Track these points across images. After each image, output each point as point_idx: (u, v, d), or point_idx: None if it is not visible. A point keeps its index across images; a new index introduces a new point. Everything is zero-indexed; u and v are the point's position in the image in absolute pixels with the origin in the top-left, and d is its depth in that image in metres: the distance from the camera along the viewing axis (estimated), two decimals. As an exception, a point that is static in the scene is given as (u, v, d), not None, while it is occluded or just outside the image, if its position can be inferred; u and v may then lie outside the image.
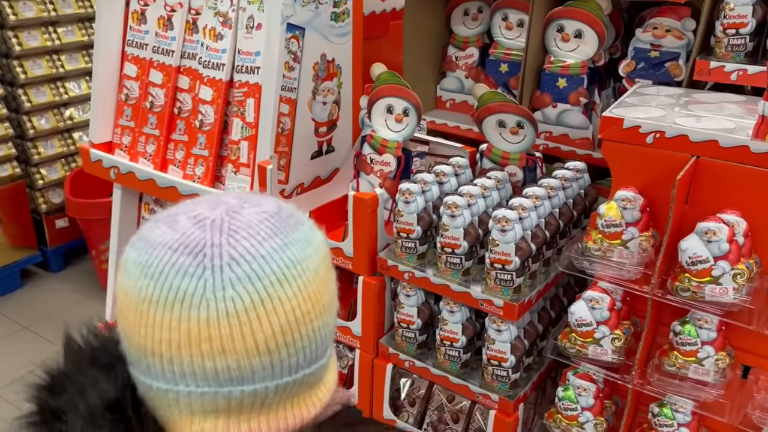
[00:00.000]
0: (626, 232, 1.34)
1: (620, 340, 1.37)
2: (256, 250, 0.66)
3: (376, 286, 1.63)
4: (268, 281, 0.66)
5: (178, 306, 0.65)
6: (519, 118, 1.58)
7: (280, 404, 0.70)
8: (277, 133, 1.81)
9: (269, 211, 0.70)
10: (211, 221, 0.68)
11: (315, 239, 0.73)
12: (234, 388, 0.67)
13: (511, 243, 1.41)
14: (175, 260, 0.65)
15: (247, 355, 0.66)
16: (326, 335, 0.72)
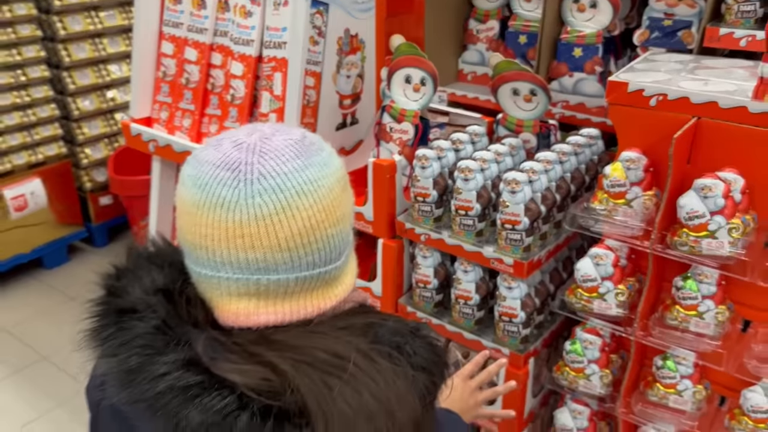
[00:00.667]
0: (630, 191, 1.40)
1: (624, 294, 1.43)
2: (281, 168, 0.81)
3: (395, 249, 1.72)
4: (288, 193, 0.81)
5: (219, 209, 0.80)
6: (532, 86, 1.65)
7: (300, 294, 0.85)
8: (303, 106, 1.91)
9: (294, 138, 0.85)
10: (247, 145, 0.83)
11: (332, 163, 0.87)
12: (262, 276, 0.82)
13: (521, 204, 1.48)
14: (217, 174, 0.81)
15: (271, 250, 0.81)
16: (339, 243, 0.86)
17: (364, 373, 0.80)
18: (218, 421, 0.74)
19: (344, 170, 0.89)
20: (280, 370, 0.78)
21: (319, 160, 0.85)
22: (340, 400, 0.78)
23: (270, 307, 0.84)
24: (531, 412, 1.71)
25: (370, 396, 0.79)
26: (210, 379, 0.77)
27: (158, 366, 0.78)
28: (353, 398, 0.78)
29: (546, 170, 1.58)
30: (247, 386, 0.76)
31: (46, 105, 3.91)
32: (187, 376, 0.77)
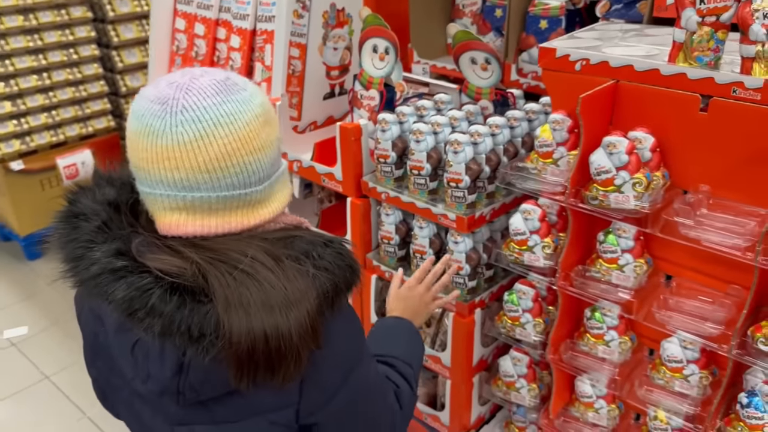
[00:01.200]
0: (556, 151, 1.50)
1: (550, 247, 1.54)
2: (201, 102, 0.96)
3: (361, 206, 1.87)
4: (206, 123, 0.96)
5: (151, 136, 0.95)
6: (486, 55, 1.75)
7: (224, 211, 1.00)
8: (288, 74, 2.07)
9: (218, 79, 1.00)
10: (177, 84, 0.98)
11: (252, 101, 1.01)
12: (187, 193, 0.97)
13: (462, 164, 1.60)
14: (150, 107, 0.96)
15: (193, 171, 0.96)
16: (258, 170, 1.00)
17: (267, 269, 0.96)
18: (138, 296, 0.93)
19: (267, 108, 1.04)
20: (193, 261, 0.95)
21: (239, 97, 0.99)
22: (242, 288, 0.94)
23: (197, 221, 1.00)
24: (481, 360, 1.84)
25: (270, 286, 0.95)
26: (134, 264, 0.96)
27: (95, 253, 0.98)
28: (254, 286, 0.94)
29: (493, 134, 1.69)
30: (162, 270, 0.94)
31: (96, 81, 4.23)
32: (115, 261, 0.96)
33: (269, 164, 1.04)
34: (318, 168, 1.94)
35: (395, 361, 1.32)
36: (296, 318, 0.94)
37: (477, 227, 1.68)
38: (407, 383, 1.29)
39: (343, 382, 1.07)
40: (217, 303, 0.93)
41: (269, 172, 1.05)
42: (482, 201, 1.69)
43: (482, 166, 1.66)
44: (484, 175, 1.67)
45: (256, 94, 1.03)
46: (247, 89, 1.02)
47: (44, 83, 4.02)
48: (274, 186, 1.07)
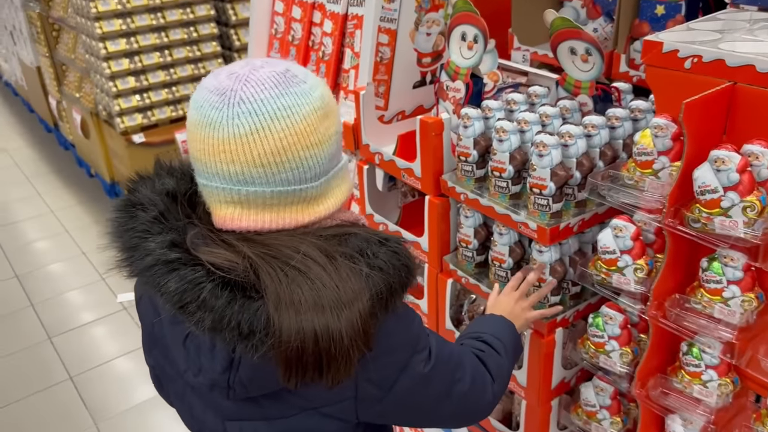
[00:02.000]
0: (657, 161, 1.30)
1: (643, 271, 1.34)
2: (258, 95, 0.94)
3: (440, 206, 1.75)
4: (263, 117, 0.94)
5: (207, 128, 0.95)
6: (587, 45, 1.56)
7: (278, 207, 0.99)
8: (375, 62, 1.97)
9: (278, 70, 0.97)
10: (237, 75, 0.96)
11: (311, 94, 0.98)
12: (242, 187, 0.96)
13: (547, 168, 1.44)
14: (209, 98, 0.96)
15: (248, 165, 0.95)
16: (314, 165, 0.99)
17: (320, 266, 0.94)
18: (190, 288, 0.92)
19: (326, 101, 1.00)
20: (246, 256, 0.94)
21: (298, 90, 0.96)
22: (294, 285, 0.92)
23: (252, 215, 0.99)
24: (562, 383, 1.67)
25: (322, 285, 0.92)
26: (188, 257, 0.95)
27: (150, 244, 0.98)
28: (306, 284, 0.92)
29: (588, 134, 1.50)
30: (214, 264, 0.93)
31: (214, 60, 4.35)
32: (168, 253, 0.96)
33: (327, 159, 1.00)
34: (398, 162, 1.84)
35: (481, 334, 1.32)
36: (348, 319, 0.91)
37: (561, 239, 1.51)
38: (492, 349, 1.28)
39: (399, 374, 1.04)
40: (267, 300, 0.91)
41: (327, 167, 1.01)
42: (570, 210, 1.52)
43: (572, 171, 1.48)
44: (574, 181, 1.49)
45: (315, 87, 0.99)
46: (307, 81, 0.99)
47: (165, 60, 4.18)
48: (331, 182, 1.03)
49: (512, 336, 1.37)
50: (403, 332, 1.04)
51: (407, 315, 1.06)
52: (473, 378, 1.18)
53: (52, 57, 4.99)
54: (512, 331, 1.38)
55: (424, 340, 1.09)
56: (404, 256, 1.00)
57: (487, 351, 1.28)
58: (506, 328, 1.38)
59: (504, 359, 1.29)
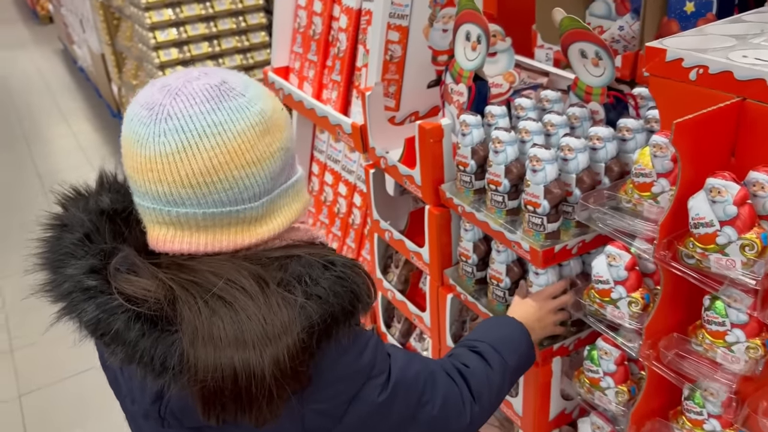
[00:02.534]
0: (656, 183, 1.15)
1: (638, 305, 1.20)
2: (187, 110, 0.88)
3: (439, 217, 1.64)
4: (190, 134, 0.88)
5: (135, 144, 0.89)
6: (596, 48, 1.41)
7: (213, 229, 0.92)
8: (384, 61, 1.87)
9: (212, 83, 0.91)
10: (169, 88, 0.91)
11: (249, 110, 0.90)
12: (171, 208, 0.90)
13: (540, 185, 1.31)
14: (138, 112, 0.90)
15: (176, 185, 0.88)
16: (252, 185, 0.91)
17: (247, 296, 0.87)
18: (104, 318, 0.87)
19: (268, 116, 0.92)
20: (165, 285, 0.88)
21: (233, 104, 0.90)
22: (215, 317, 0.85)
23: (186, 238, 0.93)
24: (562, 414, 1.54)
25: (246, 317, 0.85)
26: (105, 285, 0.90)
27: (69, 269, 0.93)
28: (228, 316, 0.85)
29: (594, 147, 1.36)
30: (127, 295, 0.88)
31: (263, 49, 4.34)
32: (86, 280, 0.91)
33: (268, 178, 0.93)
34: (401, 168, 1.74)
35: (478, 344, 1.23)
36: (272, 355, 0.83)
37: (556, 262, 1.38)
38: (485, 364, 1.19)
39: (349, 405, 0.96)
40: (183, 333, 0.84)
41: (268, 186, 0.94)
42: (570, 230, 1.38)
43: (571, 188, 1.35)
44: (574, 199, 1.35)
45: (255, 100, 0.92)
46: (246, 94, 0.91)
47: (214, 50, 4.20)
48: (276, 201, 0.96)
49: (518, 346, 1.27)
50: (351, 362, 0.96)
51: (357, 343, 0.97)
52: (445, 399, 1.09)
53: (113, 45, 5.12)
54: (521, 340, 1.28)
55: (380, 364, 1.00)
56: (350, 282, 0.91)
57: (475, 366, 1.18)
58: (514, 337, 1.28)
59: (496, 375, 1.19)
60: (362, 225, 2.32)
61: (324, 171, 2.53)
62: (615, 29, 1.72)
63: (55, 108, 6.71)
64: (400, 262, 2.03)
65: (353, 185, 2.36)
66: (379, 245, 2.03)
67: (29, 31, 9.71)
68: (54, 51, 8.53)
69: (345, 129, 1.97)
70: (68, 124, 6.26)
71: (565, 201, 1.36)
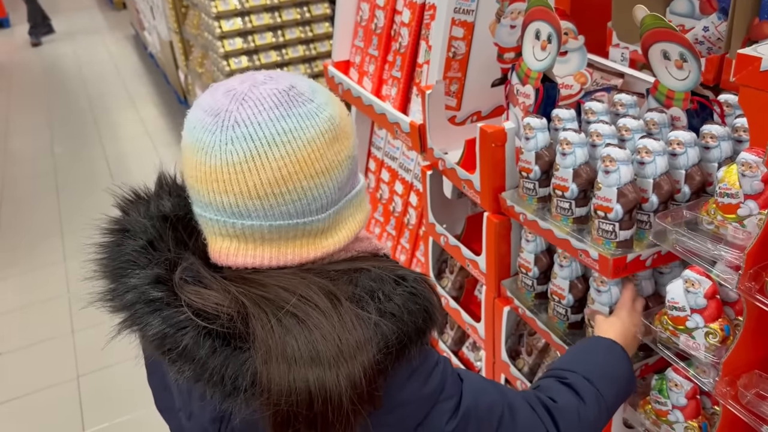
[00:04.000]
0: (743, 205, 1.03)
1: (716, 336, 1.09)
2: (255, 117, 0.83)
3: (499, 225, 1.55)
4: (259, 143, 0.83)
5: (200, 152, 0.85)
6: (681, 49, 1.29)
7: (279, 242, 0.88)
8: (447, 58, 1.79)
9: (281, 88, 0.86)
10: (235, 93, 0.86)
11: (318, 116, 0.86)
12: (237, 220, 0.86)
13: (613, 187, 1.21)
14: (203, 119, 0.86)
15: (242, 196, 0.84)
16: (320, 196, 0.87)
17: (321, 313, 0.82)
18: (171, 333, 0.83)
19: (337, 123, 0.88)
20: (238, 300, 0.84)
21: (302, 111, 0.85)
22: (289, 336, 0.81)
23: (249, 251, 0.88)
24: (624, 443, 1.44)
25: (321, 336, 0.80)
26: (172, 296, 0.86)
27: (132, 279, 0.89)
28: (302, 334, 0.80)
29: (674, 153, 1.25)
30: (197, 308, 0.83)
31: (326, 40, 4.30)
32: (151, 290, 0.87)
33: (336, 188, 0.89)
34: (459, 172, 1.66)
35: (568, 374, 1.12)
36: (348, 376, 0.79)
37: (629, 273, 1.27)
38: (577, 398, 1.08)
39: (416, 429, 0.91)
40: (256, 352, 0.80)
41: (336, 197, 0.89)
42: (644, 240, 1.28)
43: (647, 194, 1.24)
44: (650, 206, 1.25)
45: (324, 106, 0.87)
46: (315, 100, 0.87)
47: (278, 40, 4.19)
48: (342, 212, 0.92)
49: (616, 372, 1.16)
50: (420, 385, 0.90)
51: (426, 365, 0.91)
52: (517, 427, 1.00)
53: (181, 32, 5.18)
54: (620, 366, 1.18)
55: (450, 388, 0.93)
56: (423, 299, 0.86)
57: (564, 402, 1.07)
58: (610, 363, 1.17)
59: (589, 412, 1.08)
60: (417, 225, 2.25)
61: (381, 168, 2.47)
62: (699, 29, 1.59)
63: (124, 92, 6.87)
64: (455, 267, 1.95)
65: (410, 184, 2.29)
66: (434, 249, 1.95)
67: (104, 16, 10.00)
68: (126, 37, 8.75)
69: (403, 127, 1.90)
70: (136, 109, 6.41)
71: (639, 208, 1.25)
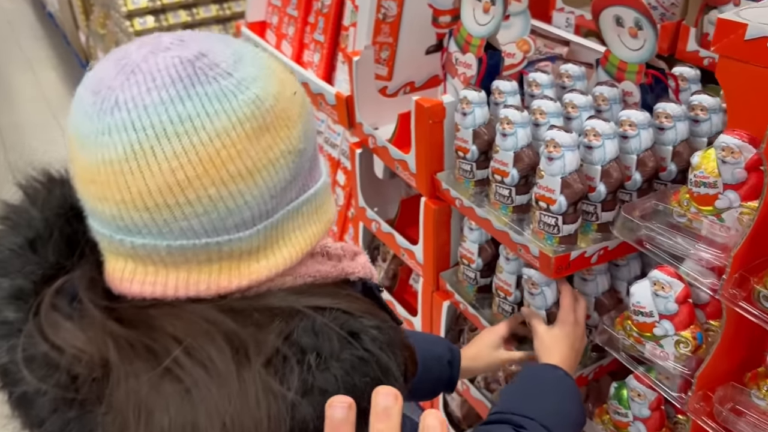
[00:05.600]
0: (722, 196, 0.90)
1: (688, 346, 0.96)
2: (142, 99, 0.60)
3: (437, 212, 1.39)
4: (144, 134, 0.59)
5: (75, 143, 0.64)
6: (636, 15, 1.14)
7: (188, 265, 0.64)
8: (377, 20, 1.58)
9: (185, 56, 0.62)
10: (126, 62, 0.62)
11: (238, 96, 0.62)
12: (124, 237, 0.63)
13: (557, 177, 1.06)
14: (83, 97, 0.64)
15: (126, 207, 0.62)
16: (239, 208, 0.63)
17: (216, 378, 0.58)
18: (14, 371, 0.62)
19: (269, 105, 0.63)
20: (105, 348, 0.61)
21: (212, 90, 0.61)
22: (159, 407, 0.57)
23: (149, 276, 0.65)
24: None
25: (205, 412, 0.57)
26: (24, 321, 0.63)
27: None
28: (180, 407, 0.57)
29: (625, 135, 1.11)
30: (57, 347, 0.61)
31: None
32: (5, 309, 0.64)
33: (267, 196, 0.64)
34: (392, 151, 1.47)
35: (525, 423, 0.94)
36: None
37: (572, 271, 1.14)
38: None
39: None
40: (110, 424, 0.58)
41: (269, 207, 0.65)
42: (589, 234, 1.14)
43: (594, 182, 1.10)
44: (597, 196, 1.11)
45: (250, 83, 0.63)
46: (236, 74, 0.63)
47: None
48: (282, 226, 0.67)
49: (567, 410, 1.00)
50: None
51: None
52: None
53: (80, -11, 4.72)
54: (570, 401, 1.02)
55: None
56: (378, 367, 0.63)
57: None
58: (562, 400, 1.01)
59: None
60: (346, 206, 2.06)
61: (304, 142, 2.25)
62: (652, -8, 1.45)
63: (19, 54, 6.29)
64: (389, 255, 1.78)
65: (337, 161, 2.10)
66: (364, 234, 1.78)
67: (-5, -30, 9.13)
68: (21, -8, 8.01)
69: (328, 99, 1.69)
70: (33, 72, 5.87)
71: (586, 198, 1.11)
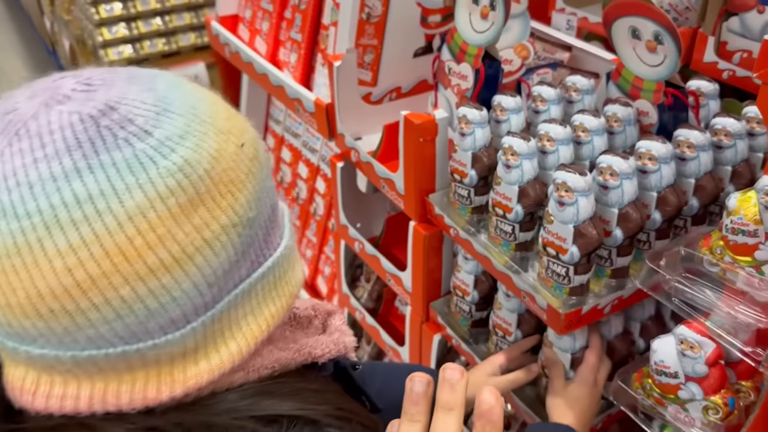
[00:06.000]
0: (763, 247, 0.77)
1: (718, 413, 0.84)
2: (26, 173, 0.48)
3: (427, 237, 1.25)
4: (28, 222, 0.47)
5: None
6: (656, 28, 1.00)
7: (106, 374, 0.52)
8: (360, 20, 1.44)
9: (87, 111, 0.49)
10: (11, 118, 0.50)
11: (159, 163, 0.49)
12: (18, 345, 0.52)
13: (569, 225, 0.92)
14: None
15: (12, 313, 0.50)
16: (164, 306, 0.51)
17: None
18: None
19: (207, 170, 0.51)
20: None
21: (124, 156, 0.49)
22: None
23: (56, 388, 0.53)
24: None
25: None
26: None
27: None
28: None
29: (643, 170, 0.98)
30: None
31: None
32: None
33: (204, 286, 0.52)
34: (377, 168, 1.33)
35: None
36: None
37: (581, 326, 1.01)
38: None
39: None
40: None
41: (209, 298, 0.53)
42: (603, 279, 1.01)
43: (610, 225, 0.97)
44: (613, 241, 0.98)
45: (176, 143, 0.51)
46: (155, 133, 0.50)
47: (159, -15, 3.63)
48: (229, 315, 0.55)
49: None
50: None
51: None
52: None
53: (44, -29, 4.47)
54: None
55: None
56: None
57: None
58: None
59: None
60: (326, 216, 1.92)
61: (281, 146, 2.10)
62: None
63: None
64: (372, 275, 1.64)
65: (316, 167, 1.95)
66: (346, 252, 1.63)
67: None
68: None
69: (306, 106, 1.54)
70: (-3, 58, 5.62)
71: (601, 246, 0.98)
